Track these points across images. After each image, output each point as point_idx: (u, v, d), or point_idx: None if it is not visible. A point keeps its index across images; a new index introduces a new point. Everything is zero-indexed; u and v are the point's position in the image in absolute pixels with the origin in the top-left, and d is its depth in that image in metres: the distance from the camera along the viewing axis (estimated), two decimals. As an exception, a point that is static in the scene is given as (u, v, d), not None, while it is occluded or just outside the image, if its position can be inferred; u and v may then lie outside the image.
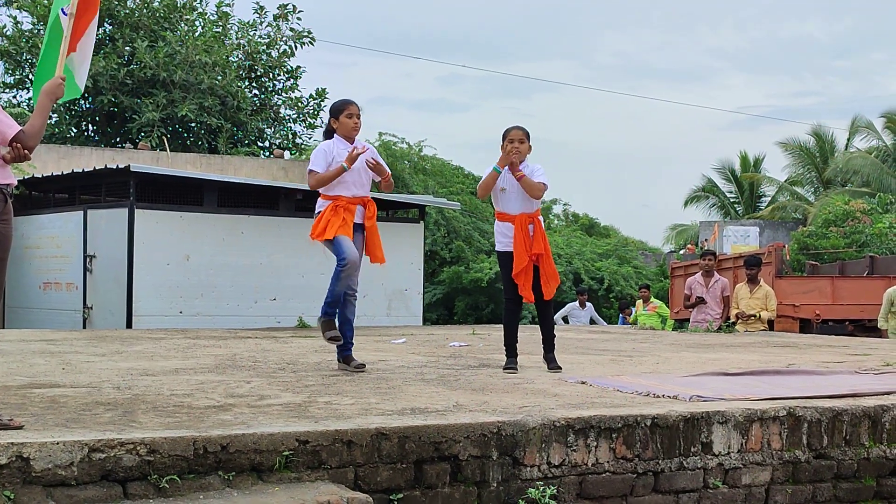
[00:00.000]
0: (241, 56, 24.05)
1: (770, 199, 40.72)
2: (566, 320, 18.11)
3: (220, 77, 22.54)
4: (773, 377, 6.66)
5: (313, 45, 24.65)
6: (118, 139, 23.12)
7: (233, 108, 23.03)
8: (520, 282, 6.92)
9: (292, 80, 25.11)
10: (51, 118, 22.80)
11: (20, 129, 4.31)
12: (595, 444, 4.70)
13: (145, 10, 22.95)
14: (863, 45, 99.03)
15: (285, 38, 24.49)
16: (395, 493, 4.28)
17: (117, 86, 21.88)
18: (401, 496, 4.28)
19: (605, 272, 22.88)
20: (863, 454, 5.37)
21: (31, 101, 22.36)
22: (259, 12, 24.42)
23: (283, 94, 25.13)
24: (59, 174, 14.27)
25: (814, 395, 5.61)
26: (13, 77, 23.36)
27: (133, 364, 7.16)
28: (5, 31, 22.85)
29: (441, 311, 22.30)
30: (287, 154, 23.60)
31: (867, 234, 22.39)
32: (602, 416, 4.75)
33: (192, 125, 22.82)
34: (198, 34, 23.41)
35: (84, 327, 12.88)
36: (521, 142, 6.97)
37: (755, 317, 12.72)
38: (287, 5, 24.37)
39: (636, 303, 18.69)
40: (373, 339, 10.11)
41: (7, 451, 3.64)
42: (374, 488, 4.23)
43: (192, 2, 24.06)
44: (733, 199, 42.09)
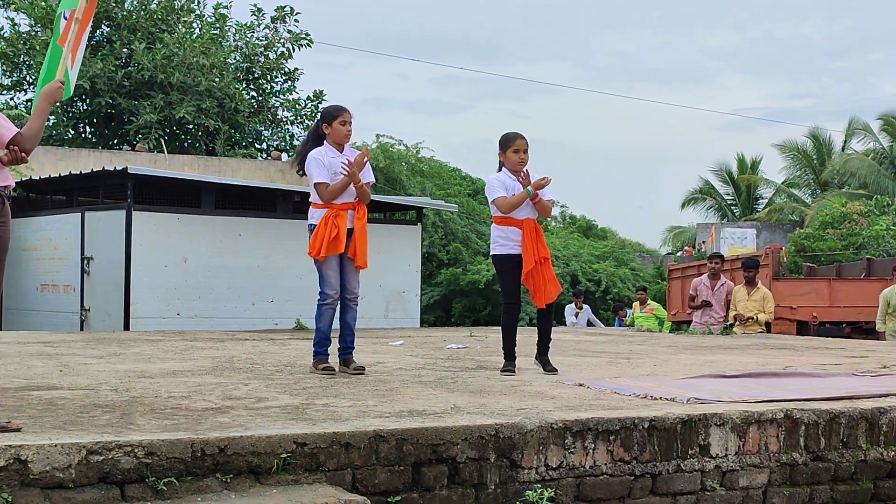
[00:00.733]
0: (238, 58, 24.04)
1: (767, 201, 40.74)
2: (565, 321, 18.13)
3: (217, 79, 22.53)
4: (770, 379, 6.67)
5: (311, 46, 24.67)
6: (116, 141, 23.11)
7: (230, 110, 23.03)
8: (529, 286, 6.95)
9: (290, 81, 25.10)
10: (48, 120, 22.77)
11: (17, 131, 4.31)
12: (593, 446, 4.71)
13: (143, 13, 22.94)
14: (859, 46, 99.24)
15: (283, 40, 24.49)
16: (392, 495, 4.28)
17: (115, 88, 21.87)
18: (399, 498, 4.28)
19: (602, 274, 22.89)
20: (860, 456, 5.38)
21: (32, 104, 22.36)
22: (257, 14, 24.42)
23: (281, 96, 25.12)
24: (57, 176, 14.27)
25: (811, 397, 5.62)
26: (10, 79, 23.34)
27: (131, 366, 7.15)
28: (3, 32, 22.84)
29: (438, 312, 22.30)
30: (284, 156, 23.57)
31: (864, 236, 22.41)
32: (600, 419, 4.76)
33: (190, 127, 22.80)
34: (195, 36, 23.40)
35: (81, 329, 12.87)
36: (526, 151, 7.01)
37: (753, 319, 12.74)
38: (284, 7, 24.37)
39: (633, 305, 18.72)
40: (370, 341, 10.11)
41: (5, 453, 3.64)
42: (371, 491, 4.23)
43: (190, 4, 24.05)
44: (730, 201, 42.12)
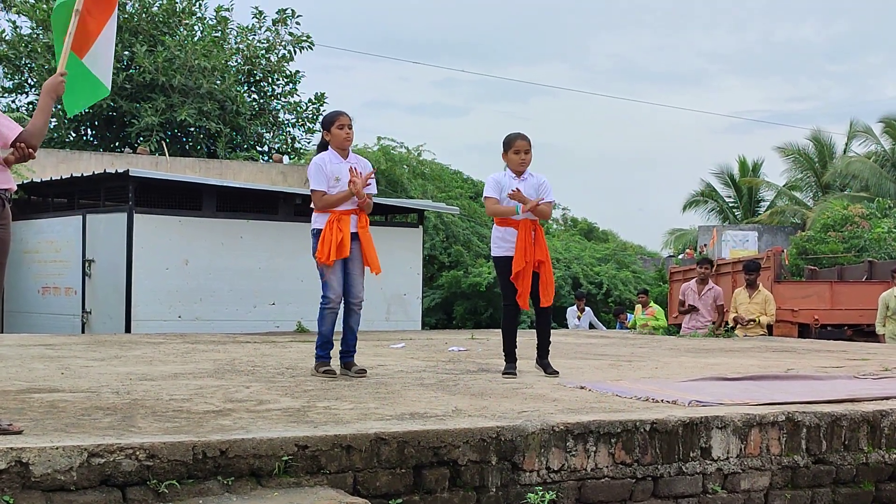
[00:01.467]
0: (239, 61, 24.04)
1: (769, 203, 40.73)
2: (567, 324, 18.13)
3: (219, 82, 22.54)
4: (772, 382, 6.66)
5: (312, 49, 24.67)
6: (117, 144, 23.11)
7: (232, 113, 23.02)
8: (518, 287, 6.92)
9: (291, 84, 25.10)
10: (50, 122, 22.79)
11: (22, 129, 4.32)
12: (594, 449, 4.70)
13: (144, 15, 22.95)
14: (858, 48, 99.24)
15: (284, 43, 24.49)
16: (394, 498, 4.27)
17: (116, 90, 21.85)
18: (400, 501, 4.28)
19: (603, 277, 22.88)
20: (861, 459, 5.37)
21: (33, 105, 22.39)
22: (258, 17, 24.43)
23: (282, 99, 25.12)
24: (59, 179, 14.27)
25: (813, 400, 5.62)
26: (12, 82, 23.34)
27: (132, 369, 7.15)
28: (4, 35, 22.84)
29: (440, 315, 22.29)
30: (286, 159, 23.59)
31: (866, 238, 22.41)
32: (601, 421, 4.75)
33: (191, 130, 22.82)
34: (197, 39, 23.41)
35: (83, 332, 12.87)
36: (527, 152, 6.98)
37: (754, 321, 12.73)
38: (286, 10, 24.38)
39: (635, 308, 18.70)
40: (372, 344, 10.11)
41: (6, 455, 3.64)
42: (373, 493, 4.22)
43: (192, 6, 24.06)
44: (732, 204, 42.10)
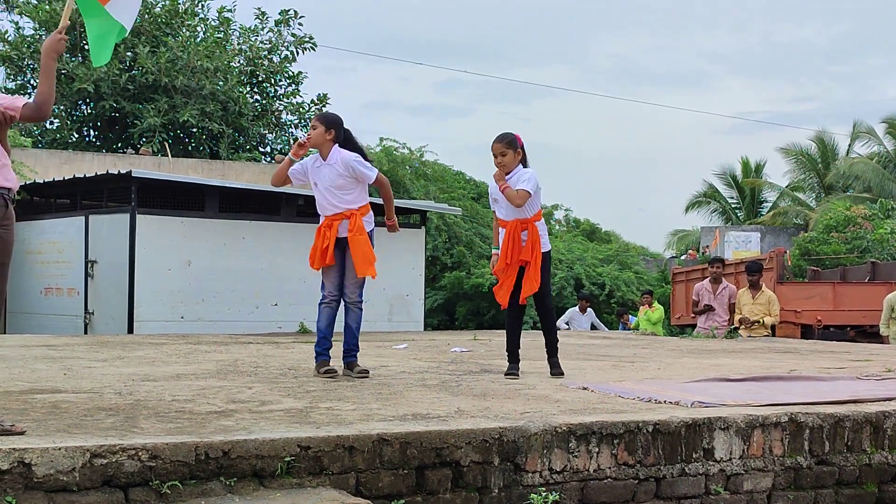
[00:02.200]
0: (242, 61, 24.05)
1: (771, 204, 40.72)
2: (569, 325, 18.10)
3: (221, 82, 22.55)
4: (774, 383, 6.66)
5: (314, 50, 24.68)
6: (120, 145, 23.12)
7: (234, 114, 23.03)
8: (500, 283, 7.08)
9: (293, 85, 25.10)
10: (52, 123, 22.81)
11: (26, 102, 4.35)
12: (597, 449, 4.70)
13: (147, 16, 22.95)
14: (860, 50, 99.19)
15: (286, 44, 24.50)
16: (396, 499, 4.27)
17: (119, 91, 21.89)
18: (402, 502, 4.27)
19: (606, 277, 22.87)
20: (864, 460, 5.36)
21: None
22: (260, 18, 24.44)
23: (285, 100, 25.12)
24: (61, 179, 14.27)
25: (816, 401, 5.61)
26: (14, 83, 23.36)
27: (134, 369, 7.15)
28: (7, 36, 22.86)
29: (442, 316, 22.30)
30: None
31: (869, 239, 22.40)
32: (604, 422, 4.75)
33: (194, 130, 22.82)
34: (199, 40, 23.42)
35: (85, 333, 12.88)
36: (503, 154, 6.90)
37: (758, 322, 12.71)
38: (288, 11, 24.39)
39: (639, 309, 18.70)
40: (374, 345, 10.11)
41: (9, 456, 3.64)
42: (375, 494, 4.22)
43: (194, 7, 24.07)
44: (735, 205, 42.09)
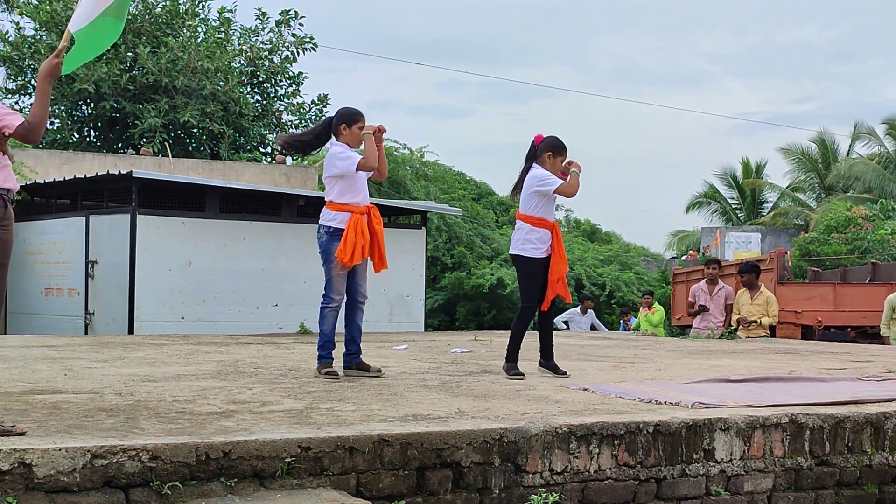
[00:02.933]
0: (242, 62, 24.04)
1: (772, 205, 40.72)
2: (567, 325, 18.11)
3: (222, 83, 22.54)
4: (775, 384, 6.65)
5: (315, 50, 24.68)
6: (120, 145, 23.12)
7: (235, 114, 23.02)
8: (559, 290, 6.95)
9: (294, 85, 25.10)
10: (52, 123, 22.80)
11: (23, 120, 4.38)
12: (597, 450, 4.70)
13: (147, 16, 22.95)
14: (860, 50, 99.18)
15: (287, 44, 24.50)
16: (397, 499, 4.27)
17: (119, 91, 21.88)
18: (403, 503, 4.28)
19: (606, 278, 22.88)
20: (865, 461, 5.36)
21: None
22: (261, 18, 24.43)
23: (285, 100, 25.12)
24: (61, 180, 14.27)
25: (816, 401, 5.61)
26: (15, 83, 23.35)
27: (135, 370, 7.16)
28: (7, 36, 22.86)
29: (443, 317, 22.29)
30: (289, 160, 23.58)
31: (869, 240, 22.40)
32: (604, 423, 4.75)
33: (195, 131, 22.82)
34: (200, 40, 23.41)
35: (86, 333, 12.88)
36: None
37: (756, 323, 12.71)
38: (289, 11, 24.39)
39: (640, 309, 18.69)
40: (375, 345, 10.10)
41: (9, 457, 3.64)
42: (376, 495, 4.22)
43: (195, 8, 24.07)
44: (735, 205, 42.08)
